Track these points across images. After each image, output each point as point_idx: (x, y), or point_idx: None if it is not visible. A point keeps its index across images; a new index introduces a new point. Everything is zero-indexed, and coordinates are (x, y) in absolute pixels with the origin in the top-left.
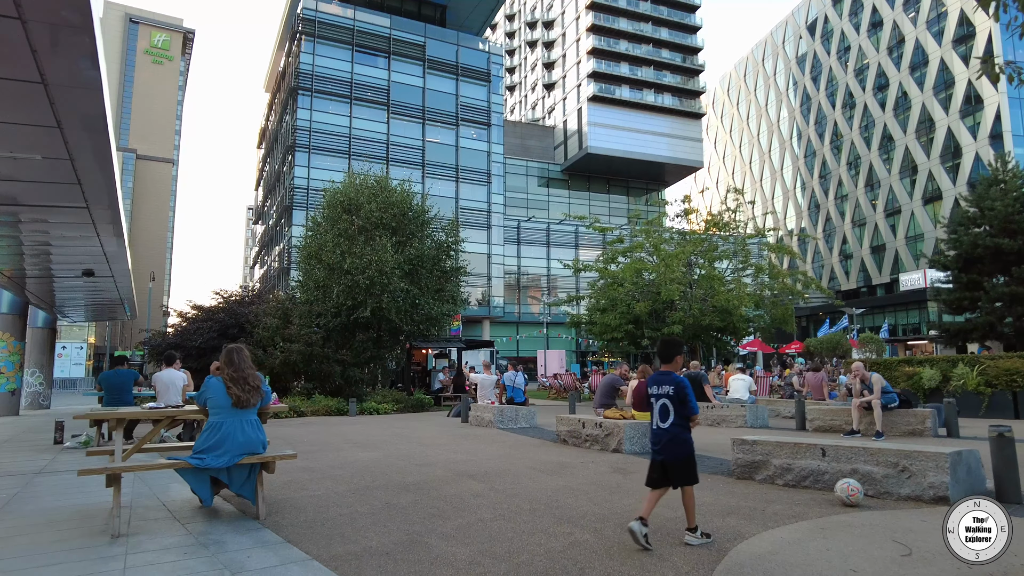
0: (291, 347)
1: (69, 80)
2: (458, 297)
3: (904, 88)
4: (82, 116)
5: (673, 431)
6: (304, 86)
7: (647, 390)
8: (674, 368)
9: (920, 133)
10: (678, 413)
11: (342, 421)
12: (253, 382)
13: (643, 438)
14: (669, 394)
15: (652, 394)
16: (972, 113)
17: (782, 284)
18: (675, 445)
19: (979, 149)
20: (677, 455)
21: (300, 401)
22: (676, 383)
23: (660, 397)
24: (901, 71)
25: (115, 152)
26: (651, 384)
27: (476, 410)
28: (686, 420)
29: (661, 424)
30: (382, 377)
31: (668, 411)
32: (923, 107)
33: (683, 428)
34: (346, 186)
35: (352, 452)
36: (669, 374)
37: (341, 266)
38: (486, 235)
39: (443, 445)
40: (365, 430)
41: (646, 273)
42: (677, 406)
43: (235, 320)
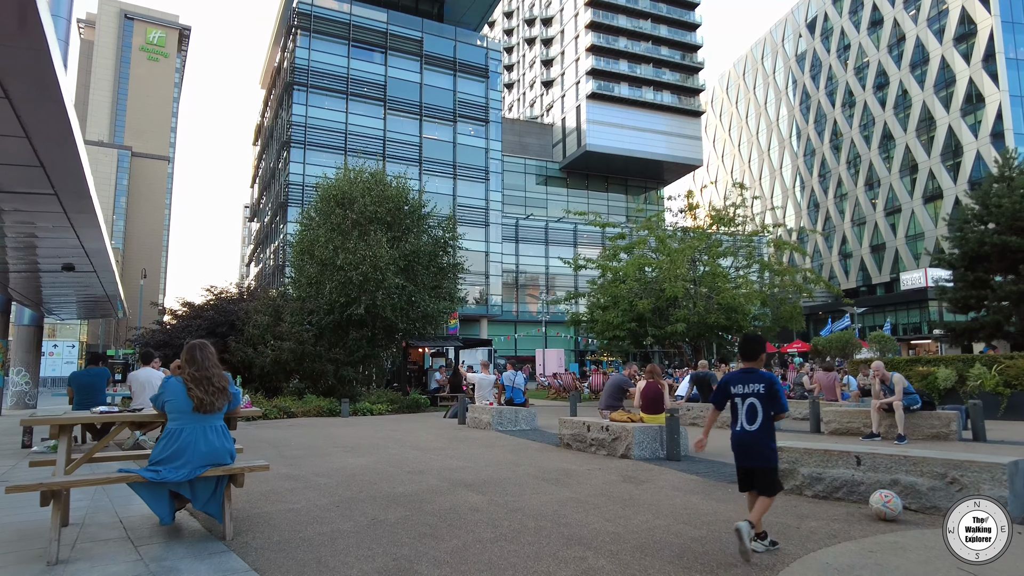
0: (282, 345)
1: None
2: (455, 294)
3: (904, 86)
4: (31, 81)
5: (762, 438)
6: (300, 81)
7: (728, 390)
8: (758, 366)
9: (920, 131)
10: (767, 413)
11: (333, 423)
12: (218, 383)
13: (653, 443)
14: (759, 392)
15: (737, 394)
16: (973, 111)
17: (790, 281)
18: (763, 452)
19: (980, 147)
20: (764, 462)
21: (291, 401)
22: (767, 380)
23: (748, 396)
24: (901, 69)
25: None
26: (734, 383)
27: (473, 411)
28: (773, 423)
29: (748, 427)
30: (377, 377)
31: (756, 412)
32: (923, 105)
33: (771, 435)
34: (340, 180)
35: (340, 457)
36: (755, 371)
37: (334, 262)
38: (484, 233)
39: (438, 450)
40: (356, 432)
41: (649, 269)
42: (767, 405)
43: (225, 318)
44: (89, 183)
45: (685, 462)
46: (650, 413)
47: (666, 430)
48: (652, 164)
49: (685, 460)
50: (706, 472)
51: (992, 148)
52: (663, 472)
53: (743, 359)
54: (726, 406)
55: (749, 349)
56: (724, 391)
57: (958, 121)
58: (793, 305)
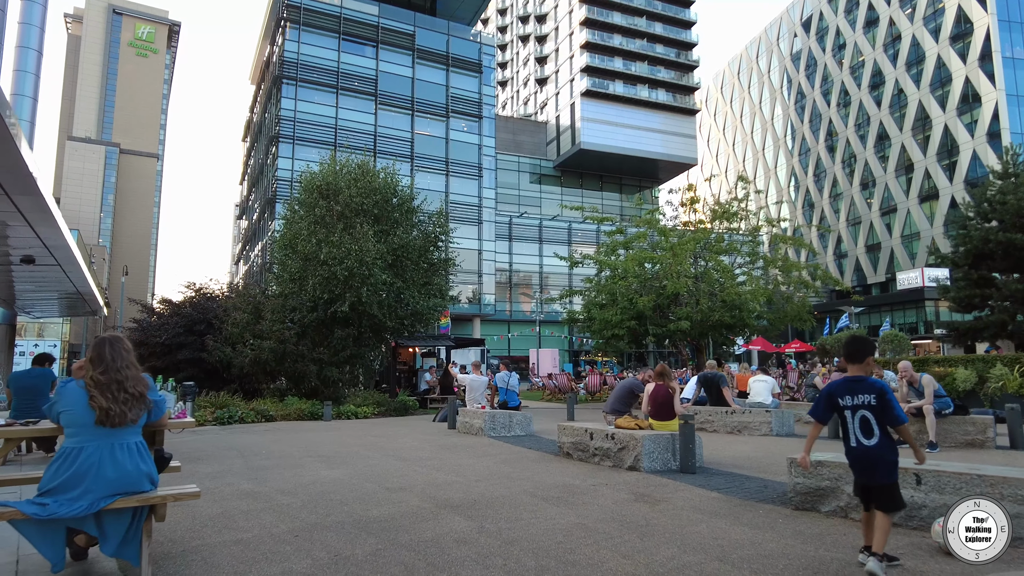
0: (262, 344)
1: None
2: (446, 291)
3: (900, 85)
4: None
5: (881, 452)
6: (289, 75)
7: (834, 401)
8: (866, 371)
9: (916, 131)
10: (883, 426)
11: (313, 427)
12: (133, 388)
13: (665, 453)
14: (870, 404)
15: (846, 405)
16: (970, 110)
17: (796, 278)
18: (882, 467)
19: (976, 147)
20: (883, 479)
21: (270, 404)
22: (877, 389)
23: (858, 408)
24: (897, 68)
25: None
26: (840, 393)
27: (464, 415)
28: (891, 434)
29: (865, 441)
30: (364, 377)
31: (871, 425)
32: (920, 104)
33: (891, 447)
34: (324, 170)
35: (313, 469)
36: (864, 379)
37: (317, 256)
38: (477, 231)
39: (424, 460)
40: (336, 439)
41: (649, 265)
42: (880, 417)
43: (203, 315)
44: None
45: (701, 475)
46: (660, 419)
47: (679, 439)
48: (647, 162)
49: (701, 473)
50: (727, 488)
51: (988, 147)
52: (679, 488)
53: (849, 362)
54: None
55: (856, 352)
56: (829, 403)
57: (954, 120)
58: (800, 302)
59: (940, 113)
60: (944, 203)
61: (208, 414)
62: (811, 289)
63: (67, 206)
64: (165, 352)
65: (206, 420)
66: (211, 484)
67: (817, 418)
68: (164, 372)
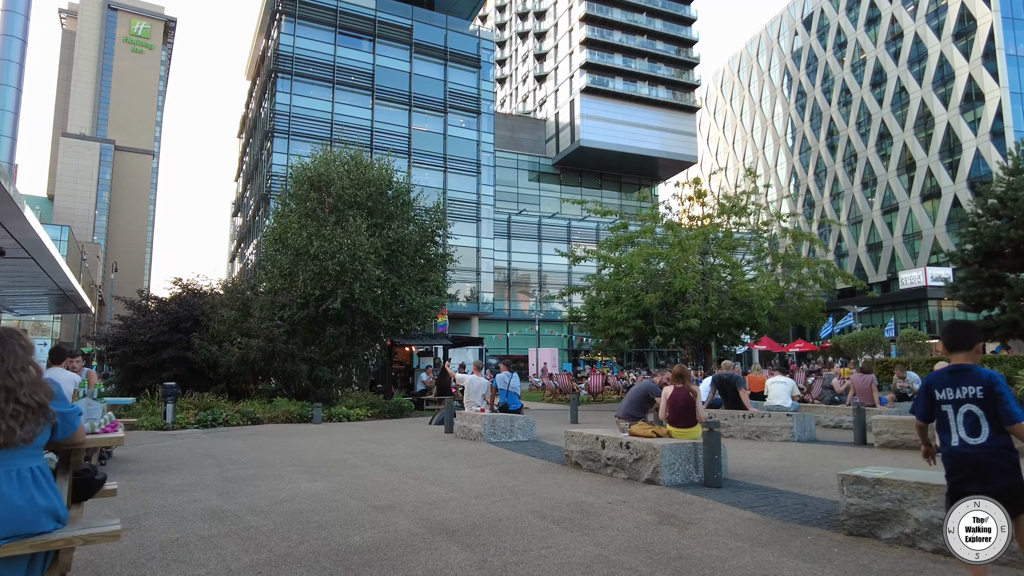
0: (249, 343)
1: None
2: (444, 288)
3: (902, 83)
4: None
5: (995, 452)
6: (284, 69)
7: (932, 395)
8: (973, 360)
9: (918, 129)
10: (993, 422)
11: (301, 431)
12: (28, 396)
13: (686, 464)
14: (976, 396)
15: (946, 399)
16: (973, 108)
17: (809, 274)
18: (999, 468)
19: (979, 145)
20: (1006, 480)
21: (257, 406)
22: (985, 380)
23: (962, 403)
24: (899, 66)
25: None
26: (939, 386)
27: (462, 419)
28: (1004, 430)
29: (971, 439)
30: (359, 378)
31: (978, 421)
32: (922, 102)
33: (1008, 445)
34: (316, 162)
35: (293, 481)
36: (970, 368)
37: (307, 250)
38: (475, 228)
39: (417, 470)
40: (324, 444)
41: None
42: (990, 412)
43: (189, 312)
44: None
45: (729, 490)
46: (680, 426)
47: (703, 449)
48: (646, 160)
49: (728, 487)
50: (762, 506)
51: (992, 146)
52: (708, 507)
53: (953, 351)
54: None
55: (962, 338)
56: (928, 397)
57: (957, 118)
58: (813, 300)
59: (942, 111)
60: (946, 202)
61: (190, 416)
62: (824, 286)
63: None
64: (149, 350)
65: (188, 423)
66: (174, 501)
67: (920, 416)
68: (148, 371)
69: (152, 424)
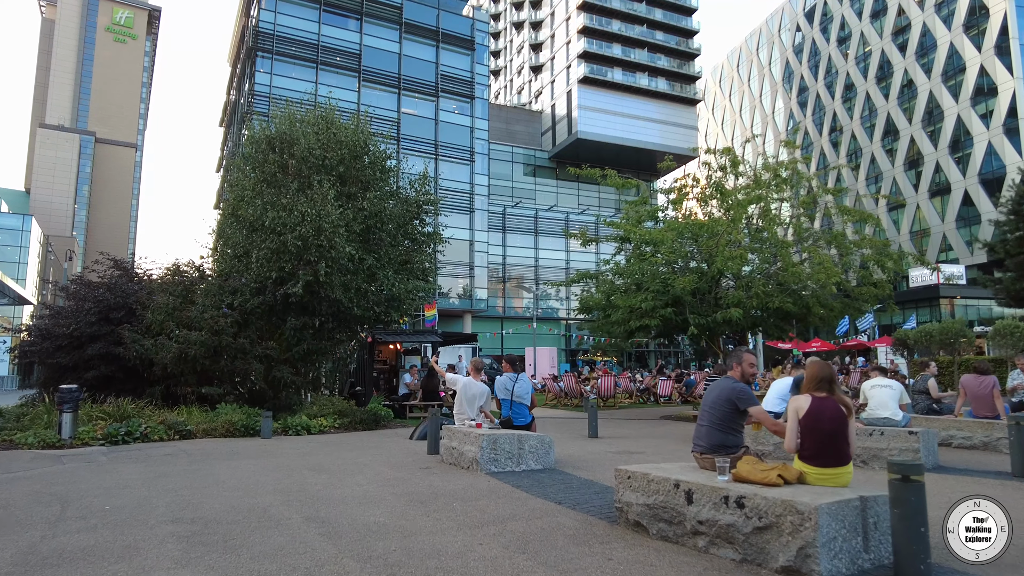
0: (189, 336)
1: None
2: (431, 273)
3: (910, 76)
4: None
5: None
6: (264, 47)
7: None
8: None
9: (926, 123)
10: None
11: (239, 450)
12: None
13: (852, 537)
14: None
15: None
16: (984, 100)
17: (872, 255)
18: None
19: (991, 138)
20: None
21: (191, 414)
22: None
23: None
24: (906, 58)
25: None
26: None
27: (451, 436)
28: None
29: None
30: (328, 380)
31: None
32: (930, 95)
33: None
34: (277, 119)
35: (145, 567)
36: None
37: (262, 222)
38: (468, 220)
39: (374, 534)
40: (254, 476)
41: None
42: None
43: (123, 300)
44: None
45: None
46: (824, 464)
47: (893, 509)
48: (645, 154)
49: None
50: None
51: (1005, 139)
52: None
53: None
54: None
55: None
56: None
57: (968, 111)
58: (880, 284)
59: (952, 104)
60: (956, 198)
61: (99, 429)
62: (898, 268)
63: (38, 197)
64: (74, 346)
65: (93, 438)
66: None
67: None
68: (73, 371)
69: (41, 441)
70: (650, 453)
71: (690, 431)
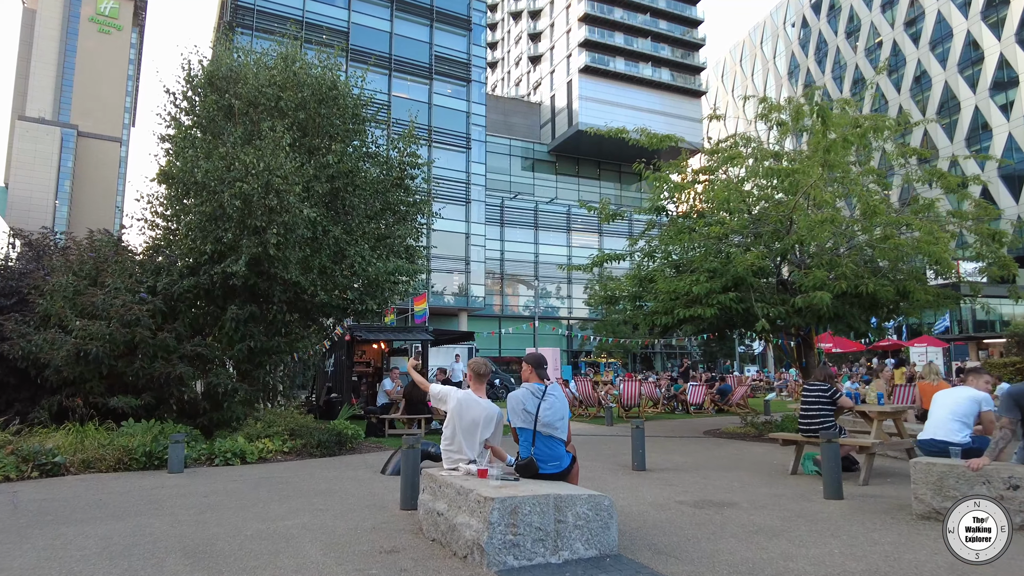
0: (90, 328)
1: None
2: (418, 253)
3: (923, 66)
4: None
5: None
6: (244, 22)
7: None
8: None
9: (942, 115)
10: None
11: (98, 501)
12: None
13: None
14: None
15: None
16: (1004, 91)
17: (988, 229)
18: None
19: (1012, 130)
20: None
21: (88, 435)
22: None
23: None
24: (920, 48)
25: None
26: None
27: (437, 493)
28: None
29: None
30: (285, 386)
31: None
32: (946, 86)
33: None
34: (223, 56)
35: None
36: None
37: (194, 178)
38: (465, 211)
39: None
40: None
41: (752, 198)
42: None
43: (15, 284)
44: None
45: None
46: None
47: None
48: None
49: None
50: None
51: None
52: None
53: None
54: None
55: None
56: None
57: (987, 102)
58: (1005, 261)
59: (970, 95)
60: (974, 192)
61: None
62: (1012, 245)
63: (16, 191)
64: None
65: None
66: None
67: None
68: None
69: None
70: (744, 505)
71: (759, 454)
